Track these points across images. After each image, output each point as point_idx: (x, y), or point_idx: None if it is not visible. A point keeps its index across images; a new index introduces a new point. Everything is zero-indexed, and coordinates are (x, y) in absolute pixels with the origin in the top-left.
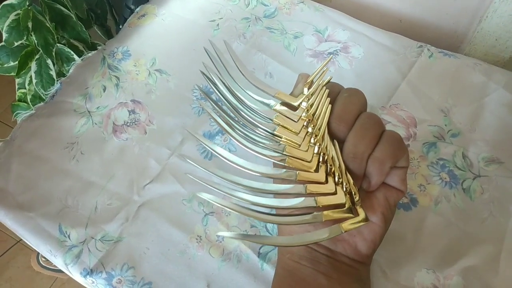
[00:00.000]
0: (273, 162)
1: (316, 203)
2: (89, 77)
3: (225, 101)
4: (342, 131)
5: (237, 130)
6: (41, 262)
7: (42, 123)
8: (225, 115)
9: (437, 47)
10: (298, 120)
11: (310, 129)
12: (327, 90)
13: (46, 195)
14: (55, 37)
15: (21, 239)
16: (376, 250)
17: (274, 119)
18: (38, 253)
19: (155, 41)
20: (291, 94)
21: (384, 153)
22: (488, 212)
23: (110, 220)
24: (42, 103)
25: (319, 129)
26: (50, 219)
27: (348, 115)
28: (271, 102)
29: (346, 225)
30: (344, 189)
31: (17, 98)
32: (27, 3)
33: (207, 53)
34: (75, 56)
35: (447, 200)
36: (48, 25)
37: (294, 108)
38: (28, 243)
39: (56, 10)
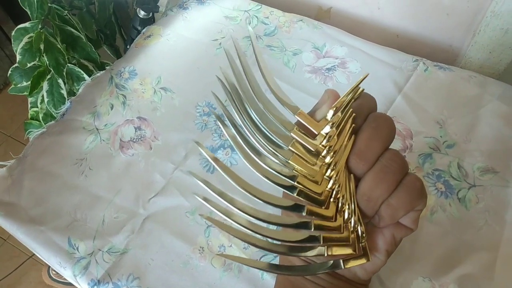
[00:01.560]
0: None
1: (321, 241)
2: (98, 96)
3: (239, 114)
4: (360, 169)
5: (247, 149)
6: (52, 276)
7: (53, 140)
8: (238, 131)
9: (434, 60)
10: (315, 150)
11: (327, 159)
12: (353, 114)
13: (56, 209)
14: (66, 57)
15: (33, 254)
16: None
17: (290, 147)
18: (49, 267)
19: (160, 60)
20: (313, 112)
21: (400, 202)
22: (483, 221)
23: (117, 233)
24: (53, 122)
25: (337, 164)
26: (60, 232)
27: (370, 153)
28: (290, 123)
29: (347, 261)
30: (352, 228)
31: (29, 116)
32: (40, 26)
33: (227, 55)
34: (85, 76)
35: (442, 210)
36: (59, 46)
37: (313, 133)
38: (39, 256)
39: (67, 32)
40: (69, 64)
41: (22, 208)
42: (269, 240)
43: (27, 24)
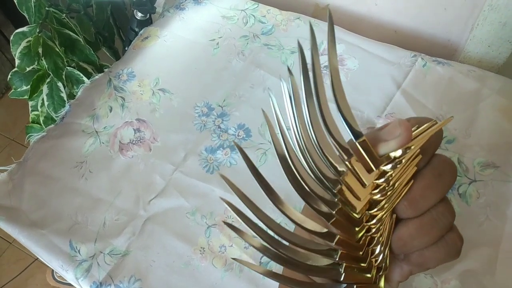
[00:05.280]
0: (305, 205)
1: (342, 271)
2: (96, 98)
3: (294, 123)
4: (406, 215)
5: (292, 165)
6: (56, 277)
7: (52, 144)
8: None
9: (433, 55)
10: (367, 186)
11: (377, 196)
12: (419, 156)
13: (58, 213)
14: (65, 60)
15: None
16: None
17: (342, 177)
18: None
19: (158, 61)
20: (375, 140)
21: (434, 257)
22: (484, 216)
23: (118, 235)
24: (52, 125)
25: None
26: (61, 235)
27: (424, 203)
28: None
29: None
30: (376, 262)
31: (30, 120)
32: (38, 30)
33: (300, 53)
34: (85, 78)
35: None
36: (57, 49)
37: (370, 167)
38: (41, 259)
39: (65, 35)
40: (68, 67)
41: (23, 212)
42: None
43: (25, 28)
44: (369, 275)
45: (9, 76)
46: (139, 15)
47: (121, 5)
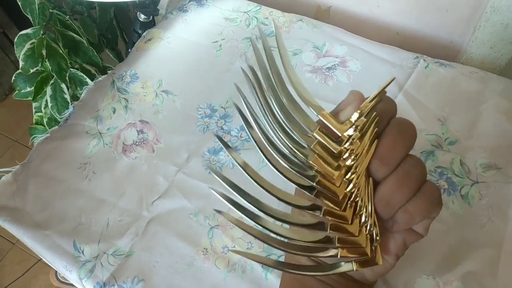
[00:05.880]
0: (296, 188)
1: (336, 243)
2: (100, 100)
3: (262, 109)
4: (381, 174)
5: (267, 146)
6: (60, 278)
7: (56, 145)
8: (259, 126)
9: (435, 57)
10: (337, 152)
11: (348, 162)
12: (377, 117)
13: (61, 214)
14: (68, 62)
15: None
16: None
17: (312, 147)
18: None
19: (161, 63)
20: (336, 113)
21: (417, 209)
22: (486, 218)
23: (121, 236)
24: (56, 127)
25: (358, 167)
26: (65, 236)
27: (393, 158)
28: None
29: (359, 263)
30: (367, 231)
31: (34, 121)
32: (41, 32)
33: (253, 48)
34: (88, 80)
35: (446, 207)
36: (61, 51)
37: (336, 135)
38: (45, 260)
39: (69, 37)
40: (71, 69)
41: (28, 213)
42: (284, 239)
43: (29, 30)
44: (363, 246)
45: (13, 78)
46: (142, 17)
47: (124, 7)
